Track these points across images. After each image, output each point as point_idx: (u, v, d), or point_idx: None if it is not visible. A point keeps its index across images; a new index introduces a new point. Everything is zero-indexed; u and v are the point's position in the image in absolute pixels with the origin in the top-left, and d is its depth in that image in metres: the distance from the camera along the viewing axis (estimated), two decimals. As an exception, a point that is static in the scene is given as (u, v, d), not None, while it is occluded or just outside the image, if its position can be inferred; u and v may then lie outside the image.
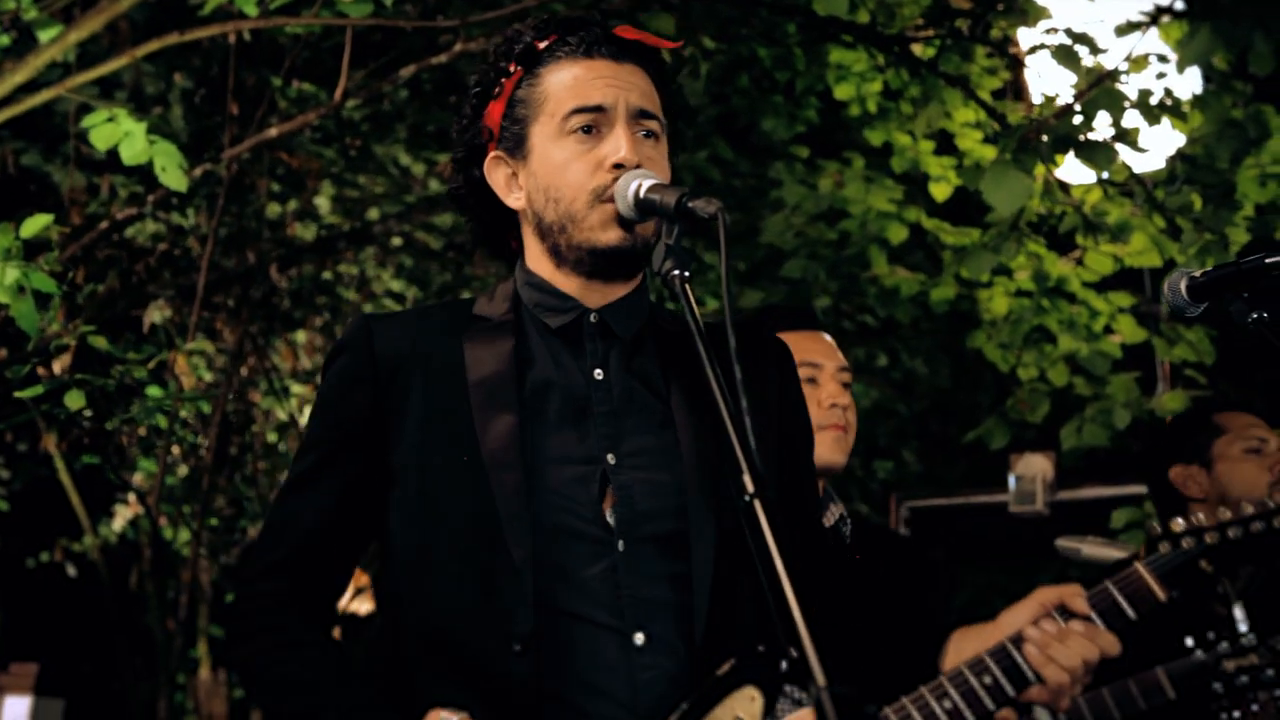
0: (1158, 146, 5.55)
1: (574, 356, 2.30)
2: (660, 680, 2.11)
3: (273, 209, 7.74)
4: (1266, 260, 2.35)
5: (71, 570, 10.03)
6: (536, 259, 2.35)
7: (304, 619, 2.27)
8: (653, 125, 2.31)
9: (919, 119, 5.31)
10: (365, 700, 2.16)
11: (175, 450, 7.76)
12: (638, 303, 2.36)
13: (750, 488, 1.83)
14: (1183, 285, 2.44)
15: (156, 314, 7.85)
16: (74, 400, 4.41)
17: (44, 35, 4.73)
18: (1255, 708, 3.50)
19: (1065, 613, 2.23)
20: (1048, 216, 5.71)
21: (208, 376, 8.17)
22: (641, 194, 2.17)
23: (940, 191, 6.13)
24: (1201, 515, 2.35)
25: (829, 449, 3.54)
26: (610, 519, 2.18)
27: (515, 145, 2.32)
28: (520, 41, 2.34)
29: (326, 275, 7.97)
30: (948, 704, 2.17)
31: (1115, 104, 4.78)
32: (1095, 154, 4.70)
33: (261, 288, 7.09)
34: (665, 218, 2.12)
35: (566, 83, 2.28)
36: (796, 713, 2.39)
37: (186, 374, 4.76)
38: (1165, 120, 5.26)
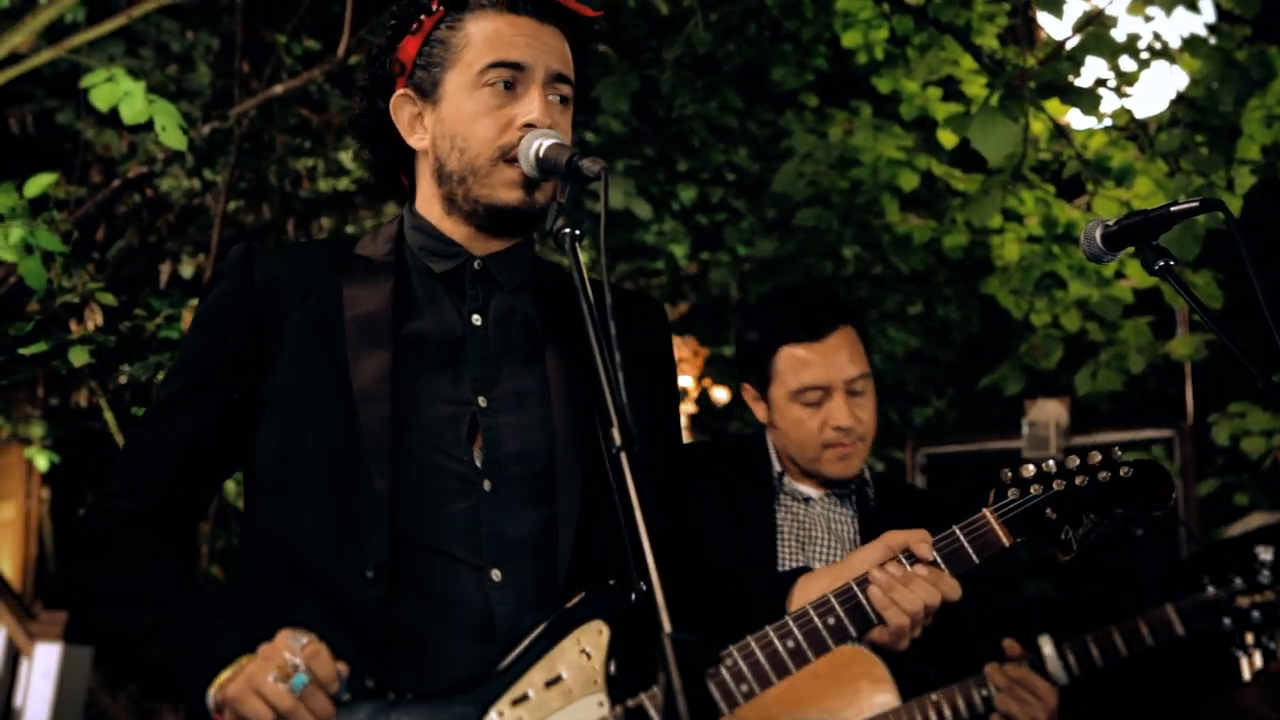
0: (1163, 90, 5.48)
1: (454, 301, 2.35)
2: (514, 616, 2.17)
3: (303, 163, 7.82)
4: (1173, 209, 2.35)
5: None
6: (427, 202, 2.39)
7: (160, 537, 2.26)
8: (566, 90, 2.36)
9: (919, 66, 5.28)
10: (214, 616, 2.17)
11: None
12: (522, 255, 2.42)
13: (619, 440, 1.88)
14: (1097, 234, 2.45)
15: (188, 268, 8.00)
16: (78, 356, 4.53)
17: (43, -3, 4.83)
18: (1272, 645, 3.41)
19: (911, 557, 2.28)
20: (1050, 162, 5.66)
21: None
22: (541, 153, 2.23)
23: (948, 138, 6.07)
24: (1051, 462, 2.37)
25: (831, 464, 3.58)
26: (478, 460, 2.25)
27: (427, 87, 2.35)
28: None
29: (351, 229, 8.07)
30: (791, 643, 2.21)
31: (1105, 48, 4.72)
32: (1082, 99, 4.65)
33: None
34: (560, 177, 2.17)
35: (488, 34, 2.31)
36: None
37: (193, 329, 4.87)
38: (1168, 63, 5.19)
